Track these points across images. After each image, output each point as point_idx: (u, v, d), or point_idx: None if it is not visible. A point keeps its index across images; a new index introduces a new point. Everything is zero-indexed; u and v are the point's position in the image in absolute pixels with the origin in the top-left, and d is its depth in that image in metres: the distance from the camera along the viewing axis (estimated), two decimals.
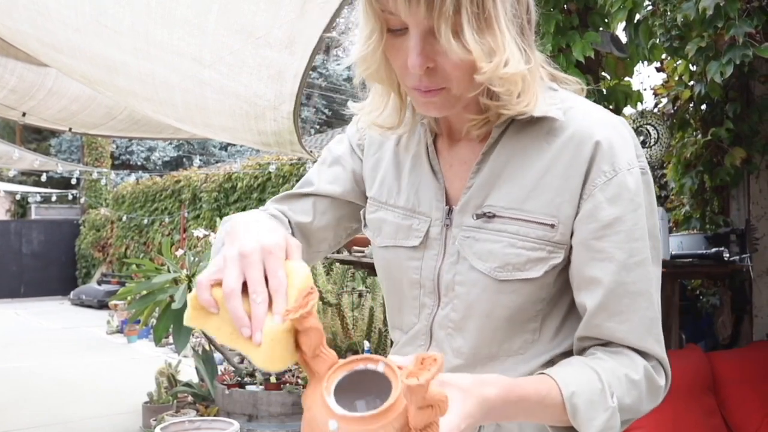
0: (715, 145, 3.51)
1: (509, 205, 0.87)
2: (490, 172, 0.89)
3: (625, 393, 0.81)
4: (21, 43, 3.39)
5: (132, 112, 5.54)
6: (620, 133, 0.86)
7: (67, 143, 19.95)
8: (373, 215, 1.02)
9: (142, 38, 2.56)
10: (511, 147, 0.89)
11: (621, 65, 2.85)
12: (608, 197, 0.83)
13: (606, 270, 0.83)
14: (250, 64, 2.51)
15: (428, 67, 0.80)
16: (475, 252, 0.89)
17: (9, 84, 5.06)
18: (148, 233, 13.39)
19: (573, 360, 0.85)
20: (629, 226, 0.83)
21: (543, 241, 0.86)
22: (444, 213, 0.93)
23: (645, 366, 0.85)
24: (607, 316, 0.84)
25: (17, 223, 16.43)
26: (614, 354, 0.84)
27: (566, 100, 0.89)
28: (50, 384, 6.28)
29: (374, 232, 1.02)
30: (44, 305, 13.89)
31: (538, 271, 0.86)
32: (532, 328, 0.90)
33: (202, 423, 3.34)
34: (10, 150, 9.04)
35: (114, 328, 9.53)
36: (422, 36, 0.78)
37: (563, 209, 0.85)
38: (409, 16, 0.77)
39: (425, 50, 0.78)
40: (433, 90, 0.82)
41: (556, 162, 0.86)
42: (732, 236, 3.36)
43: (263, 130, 2.91)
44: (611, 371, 0.81)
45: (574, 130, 0.86)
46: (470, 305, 0.90)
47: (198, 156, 16.23)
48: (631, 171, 0.84)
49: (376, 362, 0.67)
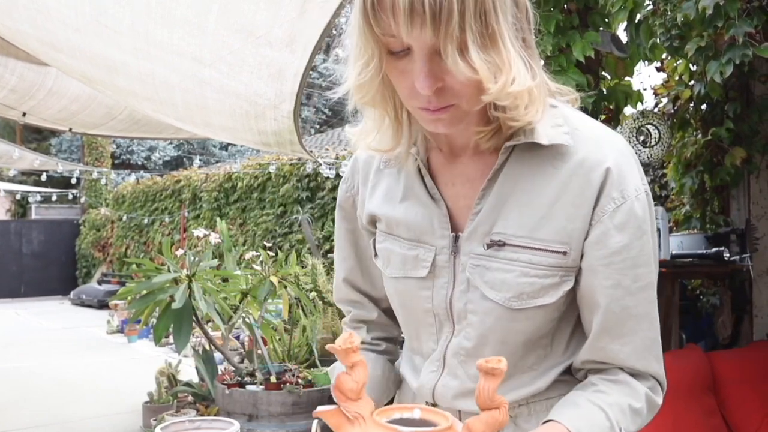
0: (715, 144, 3.51)
1: (519, 233, 0.86)
2: (498, 198, 0.87)
3: (630, 423, 0.85)
4: (21, 43, 3.39)
5: (132, 112, 5.54)
6: (627, 158, 0.86)
7: (67, 143, 19.96)
8: (381, 245, 1.01)
9: (142, 38, 2.56)
10: (518, 171, 0.87)
11: (621, 65, 2.85)
12: (616, 224, 0.83)
13: (612, 296, 0.85)
14: (251, 63, 2.51)
15: (437, 87, 0.78)
16: (487, 281, 0.88)
17: (9, 84, 5.06)
18: (148, 233, 13.39)
19: (579, 399, 0.86)
20: (636, 252, 0.84)
21: (555, 268, 0.86)
22: (450, 240, 0.91)
23: (646, 392, 0.87)
24: (611, 339, 0.86)
25: (17, 222, 16.43)
26: (616, 384, 0.87)
27: (569, 119, 0.87)
28: (50, 384, 6.28)
29: (384, 262, 1.00)
30: (44, 305, 13.89)
31: (552, 297, 0.87)
32: (544, 344, 0.91)
33: (202, 423, 3.33)
34: (10, 149, 9.04)
35: (114, 327, 9.53)
36: (428, 57, 0.76)
37: (575, 236, 0.85)
38: (413, 38, 0.75)
39: (432, 71, 0.77)
40: (442, 108, 0.80)
41: (567, 188, 0.85)
42: (732, 236, 3.36)
43: (263, 129, 2.91)
44: (617, 406, 0.84)
45: (583, 155, 0.85)
46: (484, 334, 0.90)
47: (198, 156, 16.22)
48: (638, 197, 0.84)
49: (411, 410, 0.73)
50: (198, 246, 9.47)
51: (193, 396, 4.78)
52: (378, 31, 0.76)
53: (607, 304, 0.85)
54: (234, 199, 10.68)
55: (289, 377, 4.06)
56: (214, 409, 4.29)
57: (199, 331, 4.77)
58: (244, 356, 5.03)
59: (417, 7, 0.72)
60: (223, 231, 4.70)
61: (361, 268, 1.09)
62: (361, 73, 0.81)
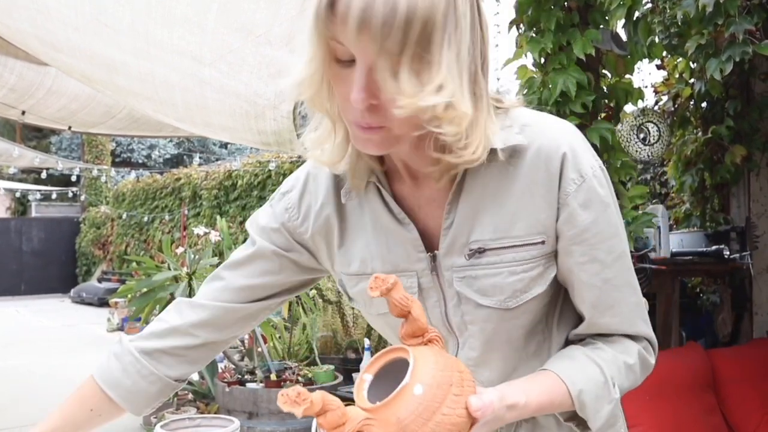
0: (715, 142, 3.51)
1: (496, 236, 0.87)
2: (467, 209, 0.88)
3: (624, 379, 0.90)
4: (21, 42, 3.39)
5: (131, 111, 5.54)
6: (578, 140, 0.88)
7: (67, 141, 19.96)
8: (355, 288, 0.97)
9: (141, 37, 2.55)
10: (479, 180, 0.87)
11: (621, 63, 2.85)
12: (581, 203, 0.86)
13: (590, 271, 0.88)
14: (251, 63, 2.50)
15: (371, 104, 0.77)
16: (477, 290, 0.88)
17: (9, 83, 5.06)
18: (148, 231, 13.40)
19: (576, 353, 0.90)
20: (603, 226, 0.88)
21: (538, 258, 0.88)
22: (428, 261, 0.91)
23: (639, 350, 0.92)
24: (601, 313, 0.90)
25: (17, 221, 16.45)
26: (611, 342, 0.92)
27: (517, 118, 0.88)
28: (50, 382, 6.29)
29: (366, 305, 0.97)
30: (44, 303, 13.90)
31: (542, 286, 0.89)
32: (541, 329, 0.94)
33: (202, 420, 3.33)
34: (9, 148, 9.04)
35: (114, 325, 9.54)
36: (368, 70, 0.75)
37: (548, 223, 0.87)
38: (358, 47, 0.74)
39: (369, 86, 0.75)
40: (374, 128, 0.79)
41: (529, 182, 0.86)
42: (732, 234, 3.36)
43: (263, 129, 2.91)
44: (612, 362, 0.89)
45: (538, 146, 0.86)
46: (488, 340, 0.91)
47: (198, 154, 16.22)
48: (595, 174, 0.87)
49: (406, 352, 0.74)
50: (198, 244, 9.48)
51: (194, 394, 4.79)
52: (327, 33, 0.75)
53: (588, 279, 0.89)
54: (234, 197, 10.69)
55: (289, 375, 4.07)
56: (214, 407, 4.30)
57: None
58: (244, 354, 5.03)
59: (367, 19, 0.71)
60: (223, 229, 4.71)
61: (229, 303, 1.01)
62: (303, 69, 0.79)
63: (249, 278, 1.00)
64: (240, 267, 1.01)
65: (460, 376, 0.72)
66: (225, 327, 1.02)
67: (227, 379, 4.14)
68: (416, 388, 0.69)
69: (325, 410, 0.66)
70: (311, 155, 0.90)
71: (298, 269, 1.02)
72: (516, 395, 0.79)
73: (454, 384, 0.71)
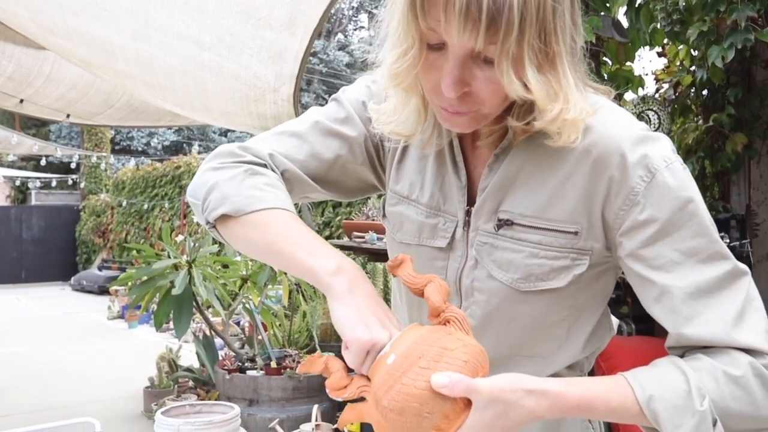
0: (716, 130, 3.50)
1: (528, 213, 0.84)
2: (504, 175, 0.85)
3: (728, 395, 0.75)
4: (19, 26, 3.37)
5: (130, 99, 5.52)
6: (647, 135, 0.82)
7: (66, 129, 19.91)
8: (393, 208, 0.97)
9: (141, 20, 2.54)
10: (526, 151, 0.84)
11: (622, 50, 2.84)
12: (651, 201, 0.79)
13: (668, 277, 0.79)
14: (251, 46, 2.49)
15: (462, 92, 0.75)
16: (494, 260, 0.86)
17: (6, 71, 5.04)
18: (148, 219, 13.39)
19: (661, 361, 0.79)
20: (682, 224, 0.78)
21: (566, 249, 0.83)
22: (464, 214, 0.89)
23: (750, 362, 0.76)
24: (685, 322, 0.78)
25: (17, 208, 16.43)
26: (713, 353, 0.78)
27: (593, 104, 0.83)
28: (51, 369, 6.30)
29: (395, 227, 0.97)
30: (45, 291, 13.91)
31: (562, 280, 0.84)
32: (558, 335, 0.88)
33: (203, 407, 3.35)
34: (8, 135, 9.02)
35: (115, 313, 9.55)
36: (462, 60, 0.73)
37: (588, 216, 0.82)
38: (459, 40, 0.71)
39: (462, 75, 0.73)
40: (463, 112, 0.78)
41: (578, 168, 0.82)
42: (732, 222, 3.36)
43: (263, 113, 2.90)
44: (705, 371, 0.76)
45: (595, 137, 0.81)
46: (489, 314, 0.88)
47: (197, 141, 16.20)
48: (669, 167, 0.80)
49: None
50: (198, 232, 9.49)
51: (194, 381, 4.80)
52: (423, 24, 0.72)
53: (666, 285, 0.78)
54: None
55: (289, 362, 4.08)
56: (215, 394, 4.31)
57: (199, 317, 4.78)
58: (244, 342, 5.05)
59: (473, 12, 0.68)
60: None
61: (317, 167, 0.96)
62: (397, 62, 0.77)
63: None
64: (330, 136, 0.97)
65: (439, 351, 0.70)
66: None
67: (228, 367, 4.14)
68: (390, 358, 0.71)
69: (329, 372, 0.76)
70: (383, 127, 0.89)
71: (368, 160, 0.99)
72: (540, 381, 0.73)
73: (424, 357, 0.70)
